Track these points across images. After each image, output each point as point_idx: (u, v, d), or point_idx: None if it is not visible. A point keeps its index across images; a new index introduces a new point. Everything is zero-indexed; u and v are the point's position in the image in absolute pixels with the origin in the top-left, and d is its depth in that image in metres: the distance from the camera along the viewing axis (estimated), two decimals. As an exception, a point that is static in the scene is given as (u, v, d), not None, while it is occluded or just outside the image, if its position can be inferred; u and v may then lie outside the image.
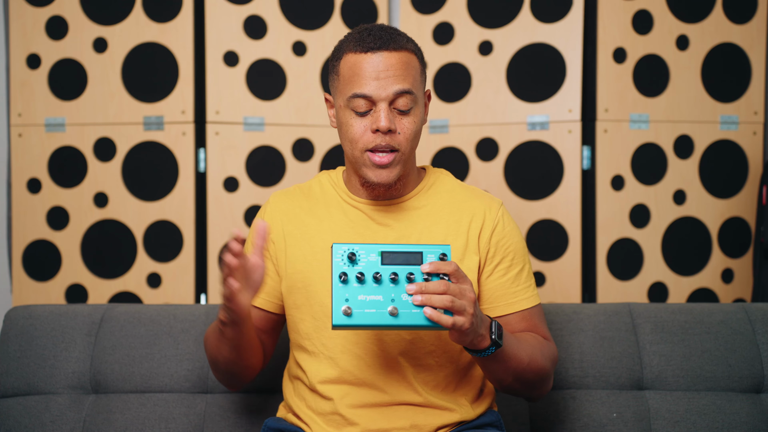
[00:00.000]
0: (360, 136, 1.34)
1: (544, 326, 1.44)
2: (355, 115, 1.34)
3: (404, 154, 1.36)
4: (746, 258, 2.51)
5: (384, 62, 1.32)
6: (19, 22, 2.45)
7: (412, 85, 1.34)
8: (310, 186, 1.49)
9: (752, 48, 2.48)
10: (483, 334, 1.22)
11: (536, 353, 1.35)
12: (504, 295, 1.40)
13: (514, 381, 1.33)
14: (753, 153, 2.50)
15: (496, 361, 1.28)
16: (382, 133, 1.33)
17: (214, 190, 2.45)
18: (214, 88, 2.44)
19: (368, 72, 1.32)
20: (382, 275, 1.17)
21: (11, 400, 1.62)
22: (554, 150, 2.43)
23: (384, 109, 1.32)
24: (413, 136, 1.36)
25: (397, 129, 1.34)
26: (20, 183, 2.46)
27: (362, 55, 1.33)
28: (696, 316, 1.68)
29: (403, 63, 1.34)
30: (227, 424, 1.60)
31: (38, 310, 1.69)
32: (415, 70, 1.36)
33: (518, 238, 1.43)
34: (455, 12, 2.48)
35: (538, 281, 2.45)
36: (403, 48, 1.35)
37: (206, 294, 2.46)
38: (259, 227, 1.26)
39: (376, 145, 1.33)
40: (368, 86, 1.32)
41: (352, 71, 1.34)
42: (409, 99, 1.34)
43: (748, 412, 1.59)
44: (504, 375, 1.32)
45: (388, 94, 1.32)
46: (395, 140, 1.34)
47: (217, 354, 1.38)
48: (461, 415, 1.36)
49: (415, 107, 1.36)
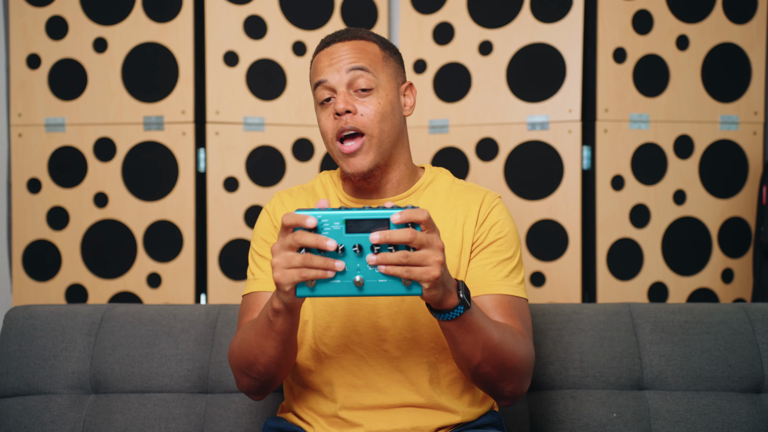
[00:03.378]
0: (327, 126, 1.35)
1: (523, 323, 1.34)
2: (321, 108, 1.37)
3: (373, 137, 1.34)
4: (746, 258, 2.51)
5: (337, 50, 1.36)
6: (19, 22, 2.45)
7: (367, 65, 1.35)
8: (312, 186, 1.48)
9: (752, 48, 2.48)
10: (450, 290, 1.14)
11: (508, 338, 1.25)
12: (483, 276, 1.34)
13: (484, 361, 1.23)
14: (753, 153, 2.50)
15: (464, 329, 1.18)
16: (341, 115, 1.33)
17: (214, 190, 2.45)
18: (214, 88, 2.44)
19: (324, 61, 1.36)
20: (345, 248, 1.10)
21: (11, 400, 1.62)
22: (554, 150, 2.43)
23: (341, 93, 1.34)
24: (378, 118, 1.34)
25: (357, 110, 1.33)
26: (20, 183, 2.46)
27: (321, 51, 1.38)
28: (696, 316, 1.68)
29: (358, 48, 1.36)
30: (227, 424, 1.60)
31: (38, 310, 1.69)
32: (374, 54, 1.37)
33: (510, 229, 1.39)
34: (455, 12, 2.48)
35: (538, 281, 2.45)
36: (360, 38, 1.38)
37: (206, 294, 2.46)
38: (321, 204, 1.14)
39: (340, 128, 1.33)
40: (324, 73, 1.35)
41: (314, 68, 1.39)
42: (366, 78, 1.34)
43: (748, 412, 1.59)
44: (473, 350, 1.21)
45: (341, 76, 1.34)
46: (357, 121, 1.33)
47: (259, 354, 1.27)
48: (462, 416, 1.36)
49: (378, 89, 1.35)
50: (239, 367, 1.33)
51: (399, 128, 1.39)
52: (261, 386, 1.34)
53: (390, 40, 1.64)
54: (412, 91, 1.43)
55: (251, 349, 1.29)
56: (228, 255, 2.44)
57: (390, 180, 1.40)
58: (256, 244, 1.43)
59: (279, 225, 1.40)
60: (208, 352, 1.64)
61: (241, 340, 1.32)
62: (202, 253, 2.46)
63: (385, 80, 1.37)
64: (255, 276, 1.41)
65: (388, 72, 1.38)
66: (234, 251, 2.44)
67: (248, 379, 1.33)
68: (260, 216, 1.46)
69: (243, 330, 1.33)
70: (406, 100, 1.42)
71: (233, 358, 1.34)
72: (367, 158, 1.34)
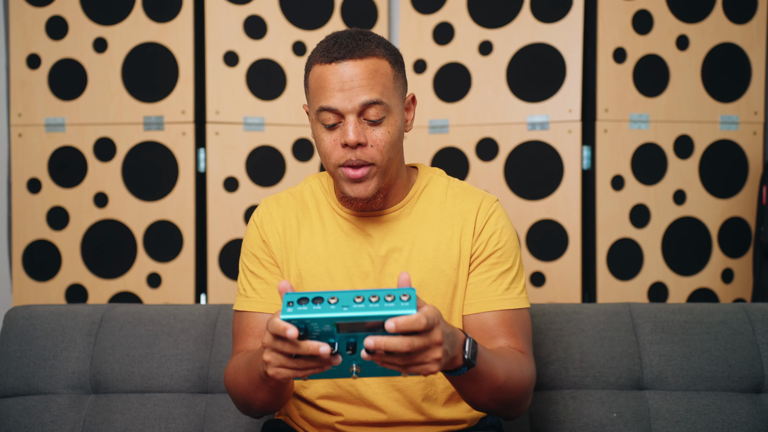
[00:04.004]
0: (331, 151, 1.28)
1: (525, 338, 1.34)
2: (324, 128, 1.29)
3: (380, 167, 1.29)
4: (746, 258, 2.51)
5: (349, 72, 1.25)
6: (19, 22, 2.45)
7: (381, 94, 1.26)
8: (301, 192, 1.43)
9: (752, 48, 2.48)
10: (455, 355, 1.11)
11: (514, 371, 1.25)
12: (483, 292, 1.33)
13: (489, 401, 1.24)
14: (753, 153, 2.50)
15: (470, 381, 1.19)
16: (351, 147, 1.26)
17: (214, 190, 2.45)
18: (214, 88, 2.44)
19: (333, 84, 1.26)
20: (338, 347, 1.03)
21: (11, 400, 1.62)
22: (554, 150, 2.42)
23: (352, 122, 1.26)
24: (388, 148, 1.28)
25: (368, 141, 1.27)
26: (20, 183, 2.46)
27: (327, 66, 1.27)
28: (696, 316, 1.68)
29: (370, 71, 1.26)
30: (227, 424, 1.60)
31: (38, 310, 1.69)
32: (386, 77, 1.28)
33: (508, 237, 1.36)
34: (455, 12, 2.48)
35: (538, 281, 2.44)
36: (371, 54, 1.27)
37: (206, 294, 2.46)
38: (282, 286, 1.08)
39: (347, 160, 1.27)
40: (333, 99, 1.25)
41: (317, 83, 1.28)
42: (379, 109, 1.26)
43: (748, 412, 1.59)
44: (478, 395, 1.23)
45: (354, 106, 1.25)
46: (367, 154, 1.27)
47: (254, 399, 1.27)
48: (461, 425, 1.36)
49: (388, 116, 1.28)
50: (236, 400, 1.34)
51: (401, 148, 1.36)
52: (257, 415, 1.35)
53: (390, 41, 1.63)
54: (413, 105, 1.38)
55: (246, 394, 1.28)
56: (228, 255, 2.44)
57: (386, 195, 1.37)
58: (246, 257, 1.40)
59: (268, 240, 1.38)
60: (208, 352, 1.64)
61: (233, 381, 1.31)
62: (202, 253, 2.46)
63: (395, 103, 1.30)
64: (247, 294, 1.38)
65: (398, 93, 1.32)
66: (234, 251, 2.44)
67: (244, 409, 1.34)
68: (248, 227, 1.42)
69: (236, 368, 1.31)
70: (408, 115, 1.36)
71: (229, 389, 1.34)
72: (372, 185, 1.30)
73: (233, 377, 1.31)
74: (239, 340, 1.37)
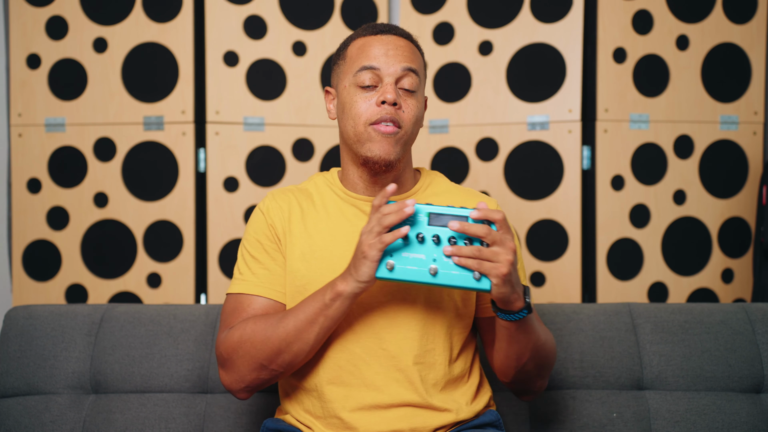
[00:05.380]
0: (365, 110, 1.35)
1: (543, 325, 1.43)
2: (360, 90, 1.36)
3: (406, 133, 1.37)
4: (746, 258, 2.51)
5: (393, 42, 1.38)
6: (19, 22, 2.45)
7: (418, 69, 1.38)
8: (306, 186, 1.48)
9: (752, 48, 2.48)
10: (518, 293, 1.22)
11: (547, 334, 1.38)
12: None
13: (530, 359, 1.33)
14: (753, 153, 2.50)
15: (523, 331, 1.28)
16: (388, 104, 1.34)
17: (214, 190, 2.45)
18: (214, 88, 2.44)
19: (377, 48, 1.37)
20: (425, 236, 1.22)
21: (11, 400, 1.62)
22: (554, 150, 2.43)
23: (391, 83, 1.35)
24: (414, 120, 1.37)
25: (402, 106, 1.35)
26: (20, 183, 2.46)
27: (372, 36, 1.39)
28: (696, 316, 1.68)
29: (411, 49, 1.39)
30: (227, 424, 1.60)
31: (38, 310, 1.69)
32: (420, 62, 1.40)
33: None
34: (455, 12, 2.48)
35: (538, 281, 2.45)
36: (414, 42, 1.41)
37: (206, 294, 2.46)
38: (389, 190, 1.24)
39: (381, 116, 1.34)
40: (377, 60, 1.36)
41: (361, 50, 1.38)
42: (415, 80, 1.37)
43: (748, 412, 1.59)
44: (525, 349, 1.31)
45: (396, 69, 1.35)
46: (400, 116, 1.35)
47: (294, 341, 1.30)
48: (458, 415, 1.36)
49: (419, 92, 1.38)
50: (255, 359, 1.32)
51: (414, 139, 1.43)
52: (265, 382, 1.35)
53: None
54: (426, 106, 1.46)
55: (284, 338, 1.30)
56: (228, 255, 2.44)
57: (397, 179, 1.42)
58: (248, 243, 1.42)
59: (274, 224, 1.41)
60: (208, 352, 1.64)
61: (261, 332, 1.32)
62: (202, 253, 2.46)
63: (422, 89, 1.41)
64: (243, 276, 1.40)
65: (422, 85, 1.42)
66: (234, 251, 2.44)
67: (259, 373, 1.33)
68: (254, 215, 1.45)
69: (258, 321, 1.33)
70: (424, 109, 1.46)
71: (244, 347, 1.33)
72: (398, 147, 1.36)
73: (253, 331, 1.32)
74: (233, 316, 1.38)
